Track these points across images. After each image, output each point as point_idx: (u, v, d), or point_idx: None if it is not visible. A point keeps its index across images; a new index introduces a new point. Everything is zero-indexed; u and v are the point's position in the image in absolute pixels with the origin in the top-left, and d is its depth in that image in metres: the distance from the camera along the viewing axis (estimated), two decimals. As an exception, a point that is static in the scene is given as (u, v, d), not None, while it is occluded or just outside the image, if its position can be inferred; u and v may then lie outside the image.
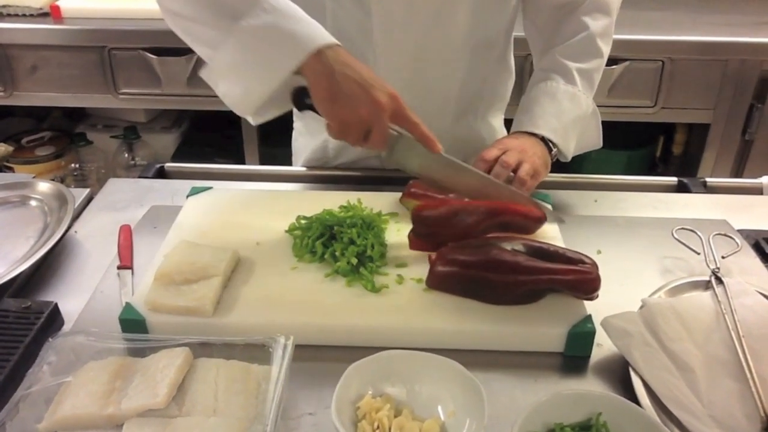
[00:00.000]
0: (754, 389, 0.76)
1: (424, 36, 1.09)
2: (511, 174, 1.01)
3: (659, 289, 0.91)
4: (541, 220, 0.96)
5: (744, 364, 0.78)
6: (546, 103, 1.11)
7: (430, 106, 1.16)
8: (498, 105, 1.29)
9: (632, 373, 0.79)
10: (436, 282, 0.89)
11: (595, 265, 0.87)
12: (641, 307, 0.86)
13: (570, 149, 1.12)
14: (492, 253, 0.87)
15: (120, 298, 0.92)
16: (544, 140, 1.09)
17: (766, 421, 0.73)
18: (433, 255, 0.90)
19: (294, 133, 1.36)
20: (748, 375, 0.77)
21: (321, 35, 0.85)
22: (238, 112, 0.92)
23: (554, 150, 1.10)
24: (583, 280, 0.85)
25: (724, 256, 0.97)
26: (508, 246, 0.88)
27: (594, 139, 1.19)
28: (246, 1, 0.86)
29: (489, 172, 1.01)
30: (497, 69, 1.24)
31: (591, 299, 0.86)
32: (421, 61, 1.12)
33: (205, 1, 0.88)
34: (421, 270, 0.91)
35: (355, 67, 0.85)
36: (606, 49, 1.15)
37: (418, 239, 0.95)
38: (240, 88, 0.88)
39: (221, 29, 0.87)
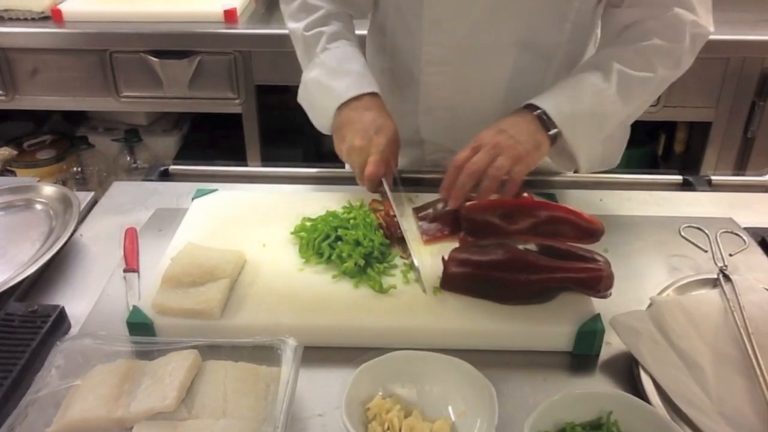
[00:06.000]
0: (763, 386, 0.76)
1: (473, 29, 1.07)
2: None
3: (667, 287, 0.91)
4: (600, 232, 0.90)
5: (753, 360, 0.78)
6: (566, 87, 1.01)
7: (474, 101, 1.16)
8: None
9: (641, 371, 0.79)
10: (450, 283, 0.88)
11: (607, 262, 0.87)
12: (649, 306, 0.86)
13: (581, 150, 1.01)
14: (504, 253, 0.87)
15: (126, 301, 0.91)
16: (541, 119, 0.98)
17: (776, 418, 0.73)
18: (446, 256, 0.90)
19: None
20: (757, 371, 0.77)
21: (347, 91, 1.06)
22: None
23: (553, 131, 0.98)
24: (596, 278, 0.85)
25: (732, 253, 0.97)
26: (520, 245, 0.88)
27: (612, 157, 1.09)
28: (309, 53, 1.13)
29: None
30: None
31: (604, 297, 0.86)
32: (467, 55, 1.10)
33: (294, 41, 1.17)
34: (428, 270, 0.91)
35: (361, 117, 1.05)
36: (662, 71, 1.01)
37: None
38: (310, 116, 1.16)
39: (302, 64, 1.16)
